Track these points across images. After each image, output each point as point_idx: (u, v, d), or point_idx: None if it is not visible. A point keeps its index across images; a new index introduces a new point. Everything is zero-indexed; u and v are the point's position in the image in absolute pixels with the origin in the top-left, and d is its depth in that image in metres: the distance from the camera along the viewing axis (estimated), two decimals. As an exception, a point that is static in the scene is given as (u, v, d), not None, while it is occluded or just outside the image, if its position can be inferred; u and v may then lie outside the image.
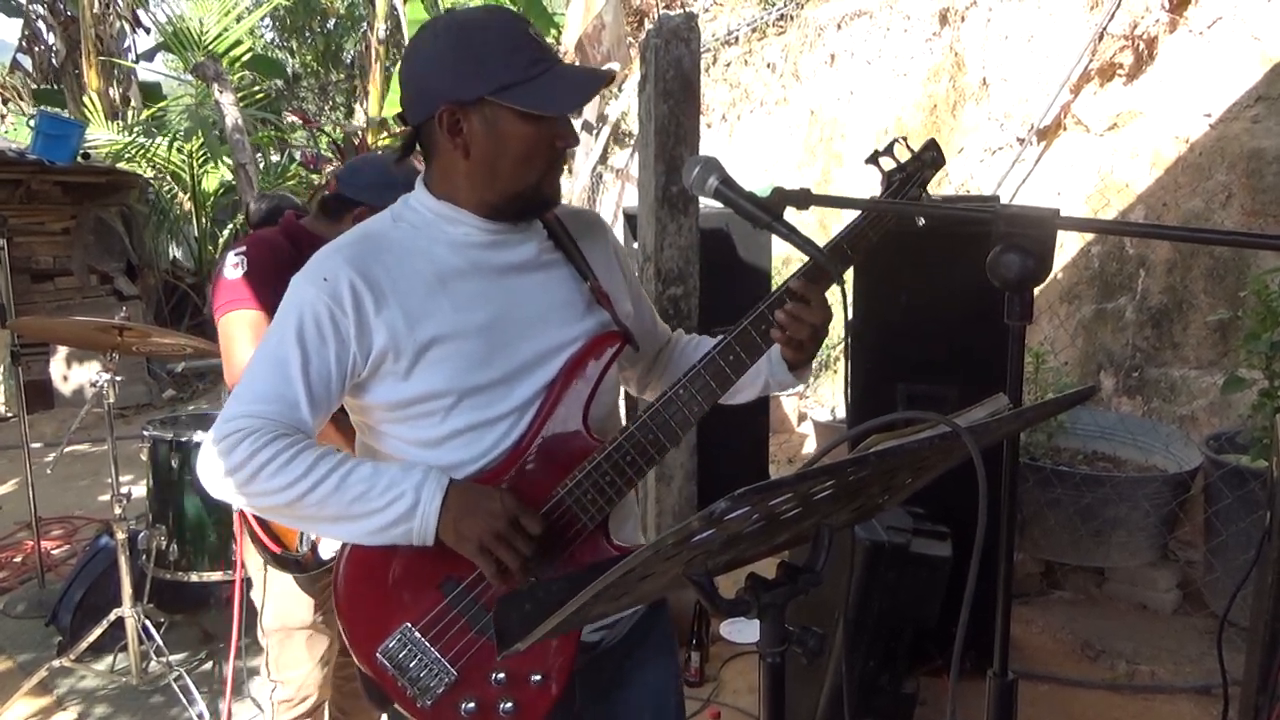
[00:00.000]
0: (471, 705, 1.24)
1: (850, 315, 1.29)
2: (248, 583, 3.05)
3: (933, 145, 1.34)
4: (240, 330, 1.94)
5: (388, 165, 2.13)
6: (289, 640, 2.12)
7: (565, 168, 1.41)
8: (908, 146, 1.33)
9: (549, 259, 1.36)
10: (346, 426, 1.45)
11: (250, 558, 2.15)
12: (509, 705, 1.25)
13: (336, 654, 2.18)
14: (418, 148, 1.35)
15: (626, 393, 1.66)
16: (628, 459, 1.26)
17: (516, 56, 1.22)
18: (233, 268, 1.97)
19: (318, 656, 2.14)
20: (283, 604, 2.10)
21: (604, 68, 1.30)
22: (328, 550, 2.00)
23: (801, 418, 5.84)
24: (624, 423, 1.34)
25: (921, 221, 1.28)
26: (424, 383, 1.24)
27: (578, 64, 7.34)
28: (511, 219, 1.31)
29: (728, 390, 1.30)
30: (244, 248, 2.01)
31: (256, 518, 2.00)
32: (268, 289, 1.91)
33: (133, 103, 10.83)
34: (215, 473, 1.21)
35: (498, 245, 1.31)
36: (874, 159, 1.32)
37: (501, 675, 1.25)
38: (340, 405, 1.30)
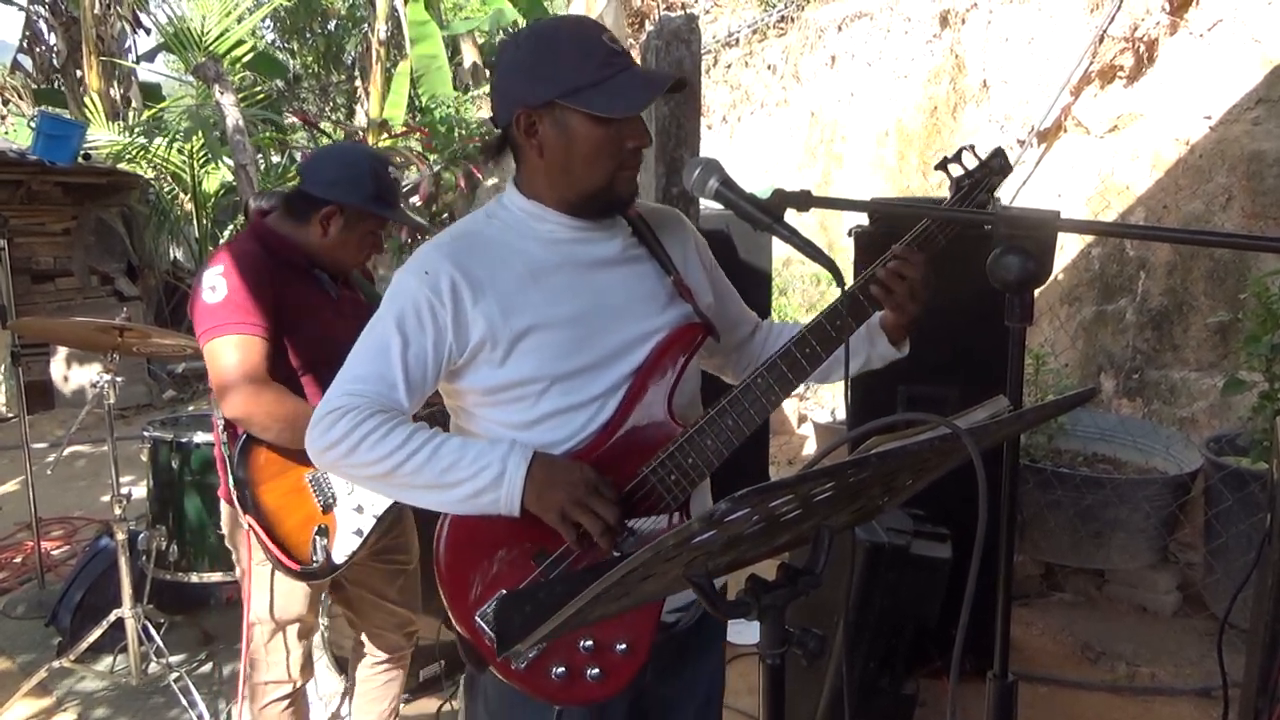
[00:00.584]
0: (561, 670, 1.31)
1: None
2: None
3: (1000, 153, 1.39)
4: (226, 353, 1.92)
5: (354, 158, 2.13)
6: (280, 632, 2.14)
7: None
8: (975, 154, 1.37)
9: (633, 254, 1.44)
10: None
11: (255, 551, 2.10)
12: (595, 671, 1.31)
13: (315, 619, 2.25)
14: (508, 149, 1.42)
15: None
16: (709, 442, 1.32)
17: (586, 61, 1.29)
18: (210, 290, 1.95)
19: (302, 650, 2.19)
20: (281, 599, 2.12)
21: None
22: (341, 554, 2.03)
23: (801, 419, 5.84)
24: (702, 410, 1.39)
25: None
26: (517, 369, 1.33)
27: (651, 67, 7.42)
28: (592, 216, 1.39)
29: (803, 380, 1.36)
30: (220, 267, 1.97)
31: (272, 539, 1.99)
32: (248, 306, 1.93)
33: (134, 104, 10.83)
34: (320, 445, 1.31)
35: (584, 241, 1.39)
36: (943, 165, 1.37)
37: (590, 643, 1.31)
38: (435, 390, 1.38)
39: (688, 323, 1.41)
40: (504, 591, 1.31)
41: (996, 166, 1.38)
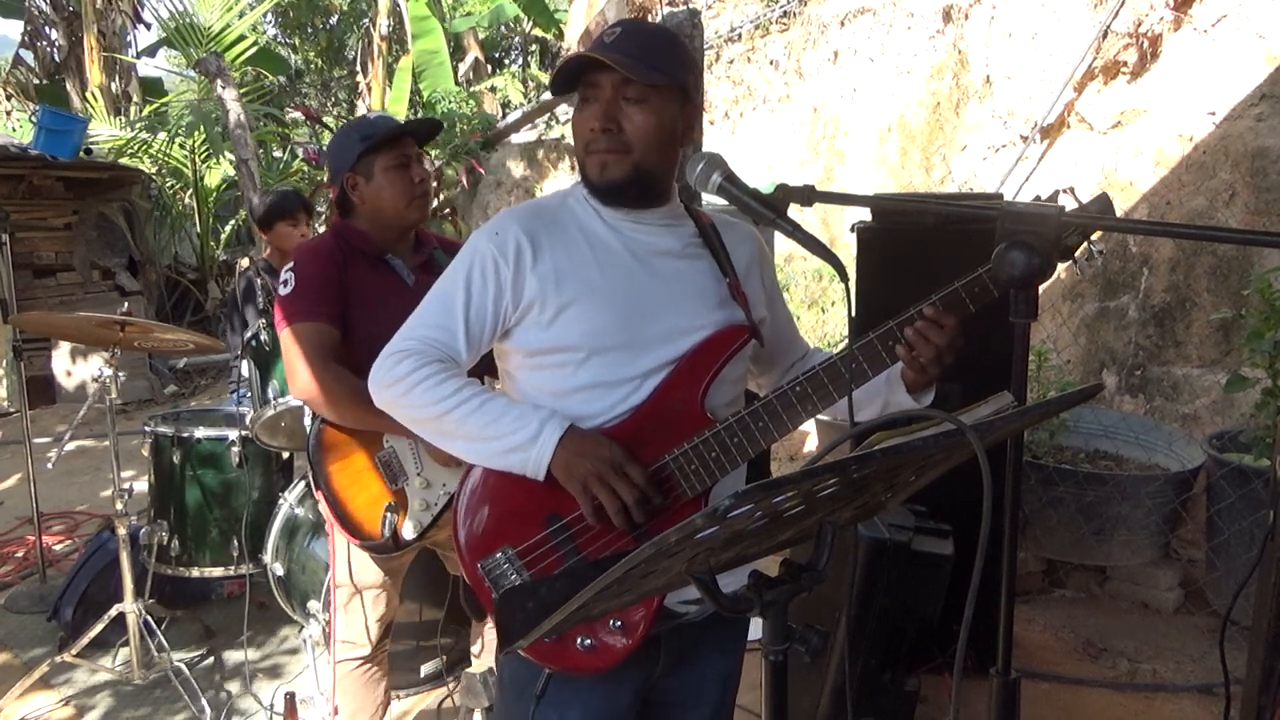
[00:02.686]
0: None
1: (853, 312, 1.30)
2: (251, 578, 3.06)
3: (1104, 198, 1.29)
4: (292, 340, 2.06)
5: (338, 135, 2.26)
6: (357, 596, 2.26)
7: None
8: (1075, 197, 1.27)
9: (695, 252, 1.49)
10: None
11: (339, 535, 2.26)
12: (588, 642, 1.34)
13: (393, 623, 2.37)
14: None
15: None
16: (735, 440, 1.35)
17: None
18: (284, 285, 2.13)
19: (378, 616, 2.28)
20: (356, 566, 2.24)
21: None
22: (410, 531, 2.11)
23: (803, 415, 5.82)
24: None
25: (1082, 270, 1.29)
26: (561, 335, 1.39)
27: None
28: (615, 205, 1.44)
29: (843, 394, 1.34)
30: (292, 263, 2.15)
31: (343, 514, 2.13)
32: (316, 298, 2.08)
33: (134, 98, 10.82)
34: (382, 382, 1.40)
35: (648, 231, 1.46)
36: (1054, 198, 1.27)
37: None
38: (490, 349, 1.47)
39: (734, 325, 1.45)
40: (509, 547, 1.35)
41: (1096, 209, 1.25)
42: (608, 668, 1.35)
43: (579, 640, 1.34)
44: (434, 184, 8.39)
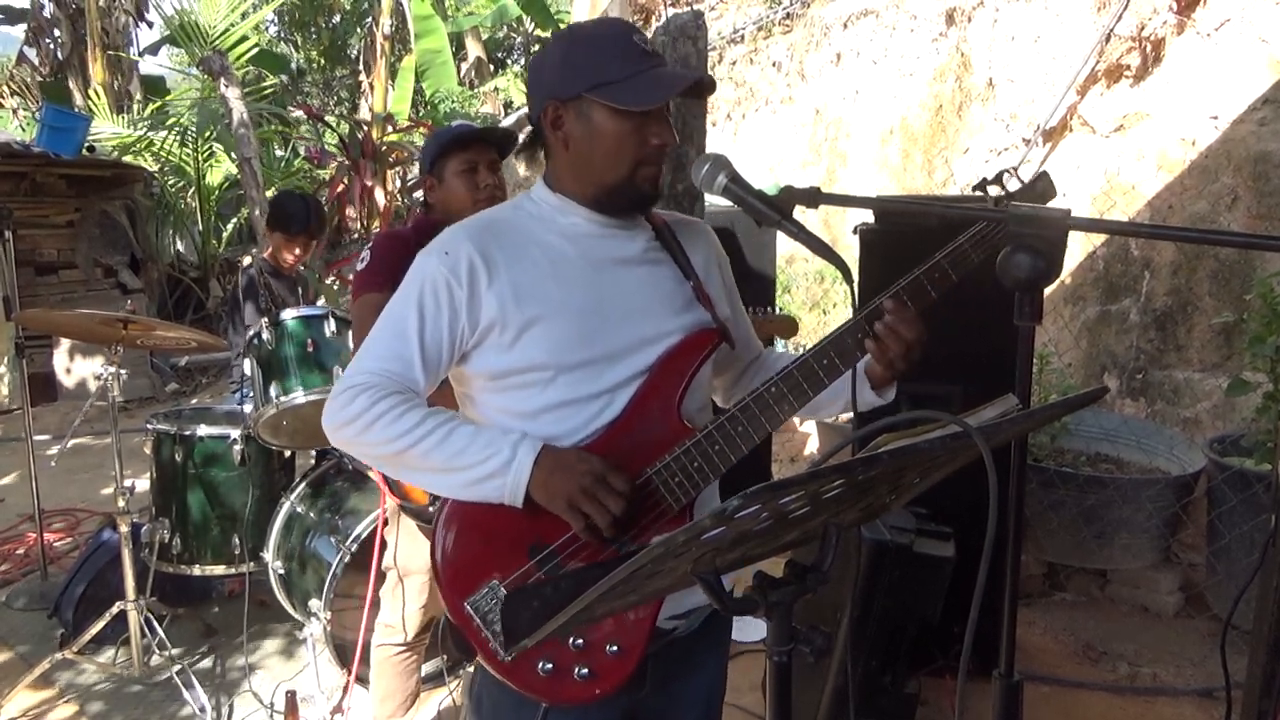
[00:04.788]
0: (549, 666, 1.29)
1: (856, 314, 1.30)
2: (252, 576, 3.09)
3: (1045, 176, 1.33)
4: (365, 312, 2.13)
5: (431, 139, 2.36)
6: (405, 580, 2.36)
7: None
8: (1018, 177, 1.32)
9: (655, 256, 1.45)
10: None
11: (388, 500, 2.39)
12: (585, 670, 1.29)
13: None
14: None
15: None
16: (716, 448, 1.31)
17: (614, 58, 1.32)
18: (360, 261, 2.25)
19: (421, 604, 2.37)
20: (407, 548, 2.33)
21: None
22: None
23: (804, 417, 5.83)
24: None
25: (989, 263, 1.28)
26: (524, 355, 1.33)
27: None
28: (617, 213, 1.40)
29: (818, 392, 1.33)
30: (369, 243, 2.28)
31: (388, 478, 2.24)
32: (387, 273, 2.11)
33: (136, 96, 10.83)
34: (337, 421, 1.33)
35: (605, 238, 1.40)
36: (982, 187, 1.31)
37: (580, 641, 1.30)
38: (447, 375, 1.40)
39: (703, 327, 1.41)
40: (496, 581, 1.30)
41: (1040, 190, 1.31)
42: (606, 694, 1.30)
43: (576, 670, 1.29)
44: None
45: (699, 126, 3.17)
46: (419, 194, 2.55)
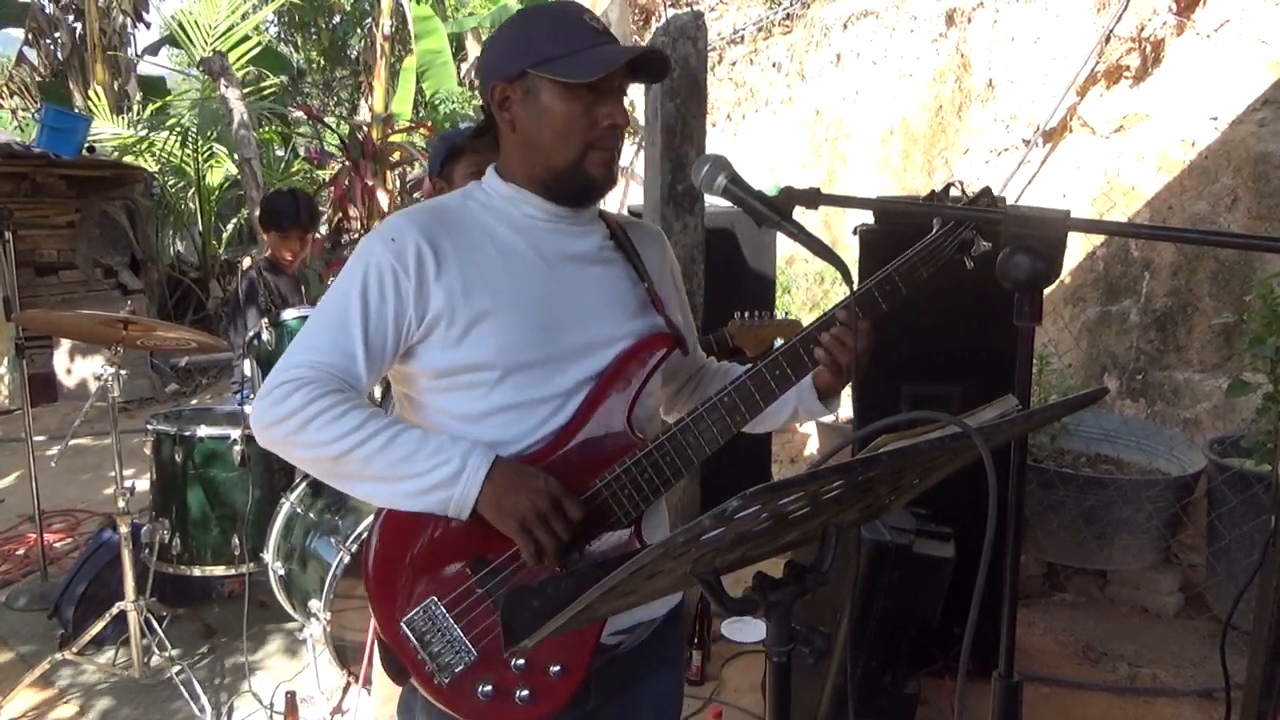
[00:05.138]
0: (489, 688, 1.24)
1: (857, 315, 1.30)
2: (252, 577, 3.09)
3: (987, 192, 1.33)
4: None
5: (439, 141, 2.37)
6: None
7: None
8: (963, 190, 1.33)
9: (609, 256, 1.39)
10: None
11: None
12: (525, 693, 1.24)
13: None
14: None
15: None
16: (667, 459, 1.27)
17: (560, 35, 1.26)
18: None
19: None
20: None
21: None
22: None
23: (804, 418, 5.83)
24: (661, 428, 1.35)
25: (970, 265, 1.31)
26: (472, 352, 1.26)
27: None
28: (566, 200, 1.33)
29: (770, 402, 1.30)
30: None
31: None
32: None
33: (135, 97, 10.83)
34: (267, 419, 1.23)
35: (559, 233, 1.34)
36: (930, 199, 1.33)
37: (521, 661, 1.25)
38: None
39: (656, 332, 1.36)
40: (434, 599, 1.24)
41: (984, 204, 1.30)
42: (548, 715, 1.26)
43: (517, 692, 1.24)
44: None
45: (699, 127, 3.17)
46: (417, 195, 2.56)
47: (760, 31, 7.47)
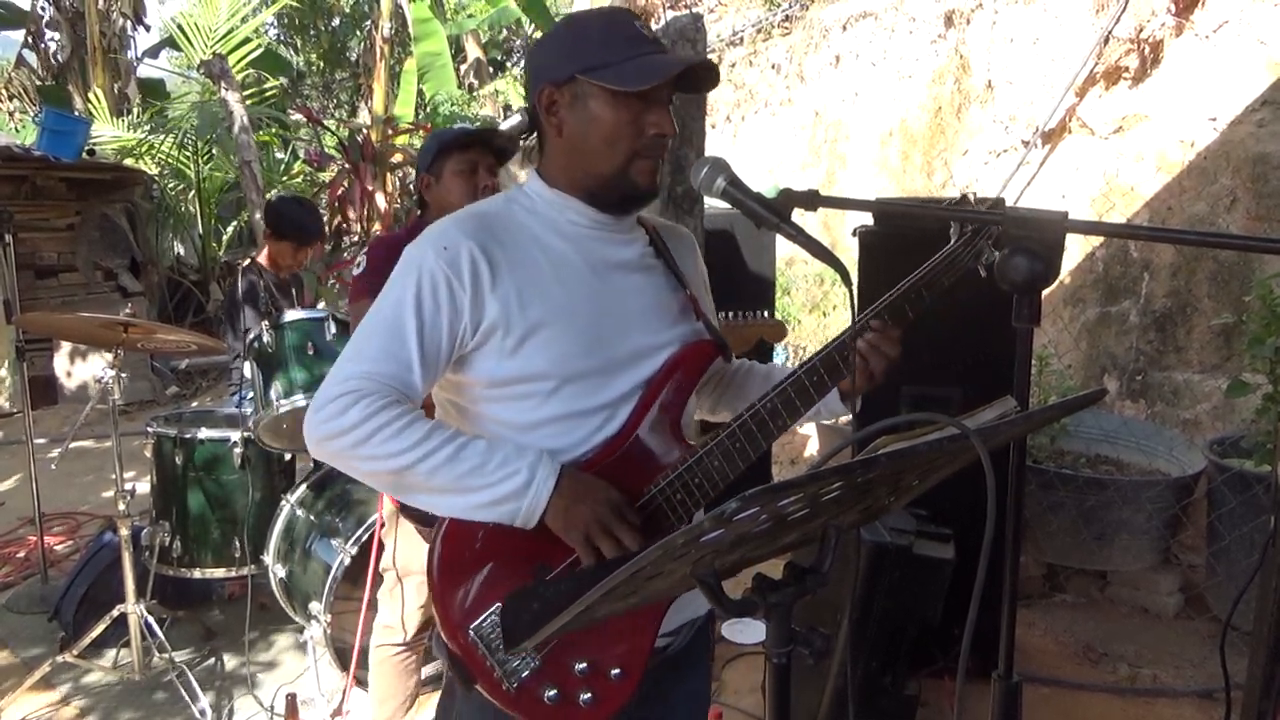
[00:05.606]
0: (553, 693, 1.25)
1: (856, 316, 1.30)
2: (253, 579, 3.09)
3: (1000, 203, 1.33)
4: (356, 315, 2.18)
5: (425, 142, 2.39)
6: (404, 580, 2.36)
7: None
8: (976, 200, 1.33)
9: (650, 264, 1.40)
10: None
11: (385, 503, 2.43)
12: (588, 696, 1.26)
13: None
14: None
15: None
16: (716, 464, 1.28)
17: (611, 41, 1.26)
18: (357, 266, 2.28)
19: (419, 604, 2.36)
20: (406, 549, 2.32)
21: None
22: None
23: (804, 419, 5.83)
24: (696, 431, 1.37)
25: (984, 274, 1.31)
26: (529, 362, 1.26)
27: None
28: (612, 208, 1.34)
29: (809, 408, 1.32)
30: (367, 248, 2.31)
31: None
32: (384, 278, 2.17)
33: (136, 99, 10.84)
34: (325, 432, 1.21)
35: (604, 240, 1.35)
36: (949, 207, 1.33)
37: (584, 666, 1.26)
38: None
39: (700, 339, 1.38)
40: (499, 605, 1.25)
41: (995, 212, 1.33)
42: (608, 717, 1.27)
43: (580, 696, 1.25)
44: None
45: (698, 129, 3.17)
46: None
47: (759, 33, 7.48)
